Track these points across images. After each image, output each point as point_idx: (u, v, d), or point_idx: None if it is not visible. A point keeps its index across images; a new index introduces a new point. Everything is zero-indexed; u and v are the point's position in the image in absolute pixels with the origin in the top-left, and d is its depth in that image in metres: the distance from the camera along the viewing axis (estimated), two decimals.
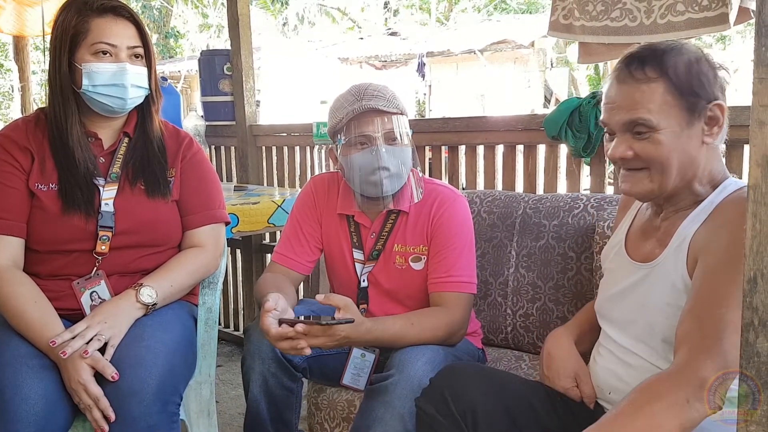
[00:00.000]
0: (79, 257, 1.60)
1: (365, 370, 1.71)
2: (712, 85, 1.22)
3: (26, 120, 1.68)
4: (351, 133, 1.67)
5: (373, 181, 1.68)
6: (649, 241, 1.33)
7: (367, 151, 1.67)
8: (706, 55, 1.24)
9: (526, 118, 2.39)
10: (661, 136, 1.20)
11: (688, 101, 1.20)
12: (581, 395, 1.38)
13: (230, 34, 3.34)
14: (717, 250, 1.14)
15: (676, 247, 1.23)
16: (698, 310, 1.12)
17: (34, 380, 1.39)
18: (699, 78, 1.21)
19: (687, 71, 1.21)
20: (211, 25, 16.87)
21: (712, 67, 1.23)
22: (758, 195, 0.69)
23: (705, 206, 1.23)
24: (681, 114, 1.20)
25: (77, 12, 1.57)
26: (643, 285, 1.29)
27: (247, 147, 3.39)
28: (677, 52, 1.22)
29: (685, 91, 1.20)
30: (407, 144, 1.71)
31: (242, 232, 2.55)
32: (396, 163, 1.68)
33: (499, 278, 2.01)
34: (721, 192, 1.24)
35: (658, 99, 1.20)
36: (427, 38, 13.50)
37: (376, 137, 1.66)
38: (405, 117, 1.72)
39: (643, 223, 1.38)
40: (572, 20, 2.28)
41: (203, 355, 1.73)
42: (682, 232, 1.24)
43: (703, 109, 1.21)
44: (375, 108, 1.65)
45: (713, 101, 1.21)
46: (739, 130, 1.84)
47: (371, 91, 1.68)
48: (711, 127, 1.22)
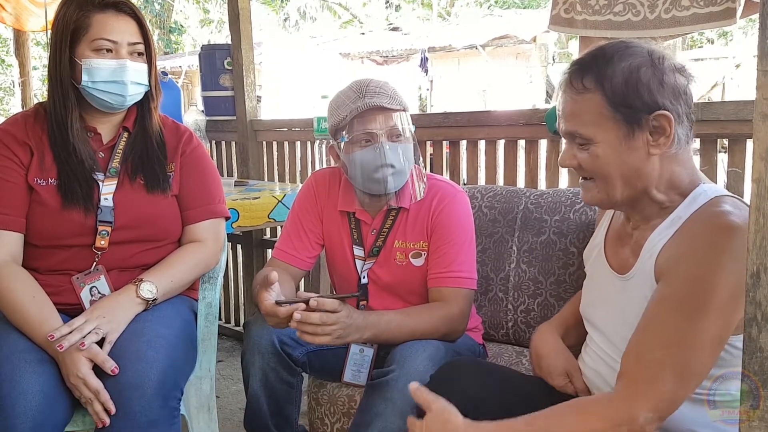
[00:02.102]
0: (78, 252, 1.59)
1: (365, 366, 1.71)
2: (655, 93, 1.14)
3: (25, 115, 1.67)
4: (354, 130, 1.66)
5: (377, 178, 1.67)
6: (624, 249, 1.31)
7: (370, 149, 1.66)
8: (654, 59, 1.16)
9: (527, 113, 2.38)
10: (598, 149, 1.17)
11: (623, 114, 1.15)
12: (575, 390, 1.38)
13: (231, 29, 3.33)
14: (674, 281, 1.12)
15: (645, 262, 1.20)
16: (640, 348, 1.11)
17: (32, 375, 1.39)
18: (636, 88, 1.14)
19: (624, 82, 1.14)
20: (212, 20, 16.87)
21: (658, 72, 1.15)
22: (762, 189, 0.68)
23: (673, 220, 1.19)
24: (618, 126, 1.15)
25: (78, 7, 1.56)
26: (620, 298, 1.27)
27: (248, 142, 3.38)
28: (619, 58, 1.16)
29: (619, 104, 1.15)
30: (410, 140, 1.71)
31: (243, 227, 2.55)
32: (400, 160, 1.67)
33: (500, 273, 2.01)
34: (690, 204, 1.18)
35: (593, 111, 1.16)
36: (428, 33, 13.48)
37: (380, 134, 1.65)
38: (407, 113, 1.71)
39: (618, 227, 1.36)
40: (574, 14, 2.27)
41: (203, 350, 1.73)
42: (649, 247, 1.20)
43: (643, 120, 1.14)
44: (379, 105, 1.64)
45: (656, 111, 1.14)
46: (741, 125, 1.83)
47: (373, 87, 1.67)
48: (657, 138, 1.15)
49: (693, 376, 1.08)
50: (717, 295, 1.05)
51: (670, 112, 1.14)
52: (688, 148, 1.21)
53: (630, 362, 1.12)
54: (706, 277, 1.06)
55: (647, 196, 1.20)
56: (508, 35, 11.91)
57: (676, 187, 1.20)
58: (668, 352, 1.07)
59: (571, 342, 1.48)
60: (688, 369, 1.07)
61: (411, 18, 17.98)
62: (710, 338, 1.06)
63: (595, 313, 1.37)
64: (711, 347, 1.07)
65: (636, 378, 1.09)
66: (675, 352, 1.07)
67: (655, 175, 1.18)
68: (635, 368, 1.10)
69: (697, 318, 1.06)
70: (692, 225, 1.15)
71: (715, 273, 1.05)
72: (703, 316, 1.06)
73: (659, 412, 1.06)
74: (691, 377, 1.08)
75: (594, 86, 1.16)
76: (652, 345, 1.09)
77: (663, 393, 1.06)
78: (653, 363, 1.08)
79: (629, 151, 1.17)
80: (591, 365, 1.35)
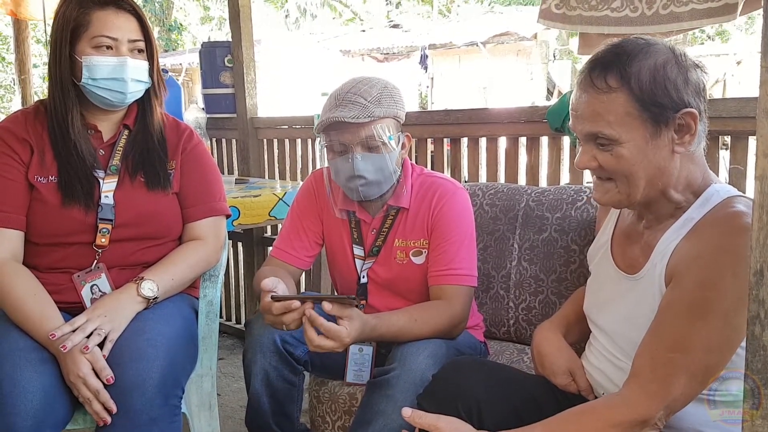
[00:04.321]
0: (79, 250, 1.59)
1: (366, 364, 1.71)
2: (681, 91, 1.12)
3: (25, 112, 1.67)
4: (330, 139, 1.66)
5: (350, 187, 1.69)
6: (633, 248, 1.30)
7: (344, 158, 1.66)
8: (677, 56, 1.14)
9: (528, 111, 2.37)
10: (623, 149, 1.14)
11: (652, 112, 1.12)
12: (578, 389, 1.38)
13: (231, 26, 3.33)
14: (687, 285, 1.10)
15: (657, 263, 1.19)
16: (653, 349, 1.11)
17: (33, 374, 1.39)
18: (664, 86, 1.12)
19: (651, 79, 1.12)
20: (212, 18, 16.85)
21: (683, 69, 1.13)
22: (765, 186, 0.68)
23: (686, 220, 1.18)
24: (645, 126, 1.13)
25: (79, 4, 1.56)
26: (628, 298, 1.26)
27: (249, 139, 3.38)
28: (644, 55, 1.13)
29: (648, 102, 1.12)
30: (390, 149, 1.67)
31: (243, 225, 2.55)
32: (372, 171, 1.66)
33: (502, 271, 2.00)
34: (703, 205, 1.17)
35: (619, 111, 1.13)
36: (429, 31, 13.46)
37: (352, 146, 1.64)
38: (388, 120, 1.66)
39: (627, 226, 1.34)
40: (566, 9, 2.24)
41: (204, 348, 1.73)
42: (662, 247, 1.19)
43: (670, 118, 1.12)
44: (345, 121, 1.60)
45: (682, 109, 1.12)
46: (743, 122, 1.83)
47: (350, 97, 1.63)
48: (682, 135, 1.14)
49: (705, 377, 1.08)
50: (730, 296, 1.04)
51: (695, 109, 1.13)
52: (701, 146, 1.19)
53: (643, 363, 1.12)
54: (719, 278, 1.06)
55: (665, 197, 1.19)
56: (509, 32, 11.89)
57: (690, 186, 1.19)
58: (681, 354, 1.07)
59: (573, 339, 1.48)
60: (700, 370, 1.08)
61: (412, 15, 17.96)
62: (723, 340, 1.06)
63: (601, 312, 1.36)
64: (724, 349, 1.07)
65: (650, 379, 1.09)
66: (688, 353, 1.07)
67: (675, 174, 1.17)
68: (649, 369, 1.10)
69: (710, 320, 1.06)
70: (705, 227, 1.14)
71: (728, 275, 1.05)
72: (715, 318, 1.06)
73: (670, 409, 1.08)
74: (703, 378, 1.08)
75: (619, 85, 1.13)
76: (665, 346, 1.09)
77: (676, 393, 1.07)
78: (667, 365, 1.08)
79: (655, 150, 1.14)
80: (596, 364, 1.35)
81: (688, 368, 1.07)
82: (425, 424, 1.17)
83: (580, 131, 1.20)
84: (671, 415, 1.09)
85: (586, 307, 1.43)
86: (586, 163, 1.20)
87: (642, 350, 1.13)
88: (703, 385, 1.09)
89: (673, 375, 1.07)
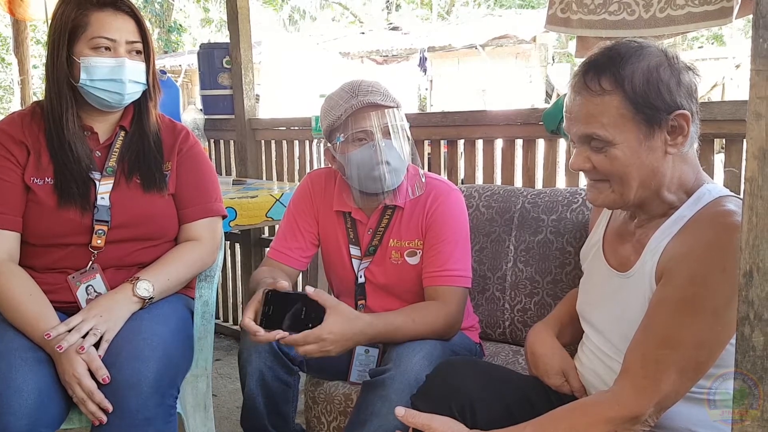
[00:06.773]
0: (74, 251, 1.60)
1: (371, 366, 1.71)
2: (674, 93, 1.14)
3: (22, 114, 1.67)
4: (349, 129, 1.66)
5: (374, 176, 1.67)
6: (625, 246, 1.31)
7: (366, 147, 1.66)
8: (670, 58, 1.16)
9: (525, 113, 2.38)
10: (617, 150, 1.15)
11: (645, 114, 1.14)
12: (571, 390, 1.38)
13: (229, 28, 3.33)
14: (677, 281, 1.11)
15: (647, 261, 1.20)
16: (644, 345, 1.12)
17: (28, 373, 1.39)
18: (658, 88, 1.13)
19: (645, 82, 1.13)
20: (212, 20, 16.86)
21: (675, 72, 1.15)
22: (755, 188, 0.68)
23: (677, 218, 1.19)
24: (638, 127, 1.14)
25: (77, 5, 1.56)
26: (619, 296, 1.27)
27: (246, 141, 3.38)
28: (637, 58, 1.15)
29: (641, 104, 1.13)
30: (405, 137, 1.71)
31: (241, 226, 2.55)
32: (396, 157, 1.68)
33: (497, 273, 2.01)
34: (695, 203, 1.18)
35: (612, 113, 1.14)
36: (428, 33, 13.47)
37: (375, 132, 1.65)
38: (400, 110, 1.72)
39: (619, 225, 1.35)
40: (570, 14, 2.26)
41: (200, 349, 1.73)
42: (653, 245, 1.20)
43: (663, 120, 1.14)
44: (373, 102, 1.64)
45: (675, 111, 1.14)
46: (738, 124, 1.83)
47: (365, 86, 1.67)
48: (675, 137, 1.15)
49: (696, 372, 1.09)
50: (719, 292, 1.05)
51: (687, 110, 1.15)
52: (693, 147, 1.21)
53: (633, 359, 1.12)
54: (709, 275, 1.07)
55: (658, 197, 1.20)
56: (508, 35, 11.89)
57: (683, 187, 1.20)
58: (671, 350, 1.08)
59: (566, 340, 1.48)
60: (690, 366, 1.08)
61: (411, 17, 17.98)
62: (713, 336, 1.07)
63: (593, 311, 1.36)
64: (713, 344, 1.08)
65: (640, 375, 1.10)
66: (678, 349, 1.08)
67: (668, 174, 1.18)
68: (639, 365, 1.11)
69: (700, 316, 1.07)
70: (696, 224, 1.15)
71: (717, 271, 1.06)
72: (706, 315, 1.07)
73: (660, 405, 1.09)
74: (693, 374, 1.09)
75: (613, 87, 1.14)
76: (655, 342, 1.10)
77: (666, 389, 1.07)
78: (657, 361, 1.08)
79: (648, 152, 1.16)
80: (588, 364, 1.35)
81: (678, 364, 1.07)
82: (418, 423, 1.18)
83: (574, 133, 1.21)
84: (662, 411, 1.10)
85: (578, 305, 1.43)
86: (581, 164, 1.21)
87: (632, 347, 1.14)
88: (693, 381, 1.10)
89: (664, 371, 1.08)
